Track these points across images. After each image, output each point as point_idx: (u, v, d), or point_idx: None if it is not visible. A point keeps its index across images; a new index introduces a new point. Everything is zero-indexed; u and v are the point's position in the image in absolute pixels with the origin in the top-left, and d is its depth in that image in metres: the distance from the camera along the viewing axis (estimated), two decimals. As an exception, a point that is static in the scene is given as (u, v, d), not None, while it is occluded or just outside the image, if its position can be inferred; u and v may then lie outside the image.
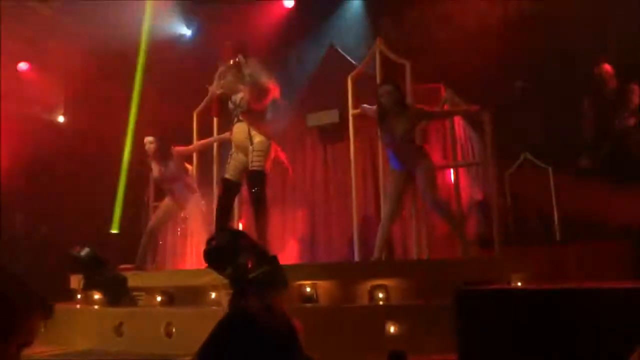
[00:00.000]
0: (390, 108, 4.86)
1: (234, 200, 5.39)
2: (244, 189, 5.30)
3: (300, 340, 1.25)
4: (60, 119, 9.39)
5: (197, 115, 6.19)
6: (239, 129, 5.13)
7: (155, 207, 6.27)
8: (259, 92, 4.99)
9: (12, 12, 7.49)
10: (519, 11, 6.74)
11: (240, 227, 5.67)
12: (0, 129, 7.10)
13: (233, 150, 5.26)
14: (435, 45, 6.83)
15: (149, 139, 5.98)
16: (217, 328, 1.24)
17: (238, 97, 5.11)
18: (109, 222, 7.78)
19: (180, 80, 7.49)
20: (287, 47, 7.96)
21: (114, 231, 7.70)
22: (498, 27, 6.65)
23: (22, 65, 8.85)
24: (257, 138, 5.02)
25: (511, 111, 5.95)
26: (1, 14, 7.16)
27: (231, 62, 5.15)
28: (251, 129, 5.05)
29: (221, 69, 5.26)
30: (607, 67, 5.55)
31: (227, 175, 5.22)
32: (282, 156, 5.40)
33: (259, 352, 1.16)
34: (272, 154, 5.13)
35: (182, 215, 6.09)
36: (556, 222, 6.29)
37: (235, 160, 5.19)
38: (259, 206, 4.97)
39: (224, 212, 5.17)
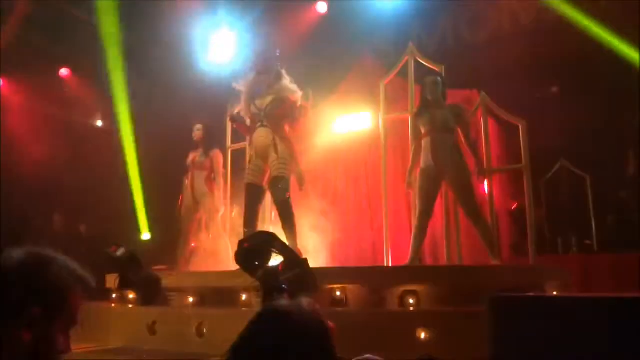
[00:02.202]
0: (433, 99, 4.95)
1: (259, 203, 5.37)
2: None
3: (332, 339, 1.26)
4: (99, 123, 9.65)
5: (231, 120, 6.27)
6: (262, 134, 5.10)
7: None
8: (291, 106, 5.01)
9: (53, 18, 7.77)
10: (554, 16, 6.62)
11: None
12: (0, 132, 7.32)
13: (252, 155, 5.26)
14: (469, 50, 6.76)
15: (198, 126, 6.23)
16: (250, 325, 1.25)
17: (265, 102, 5.09)
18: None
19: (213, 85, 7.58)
20: (320, 51, 7.99)
21: (145, 236, 7.81)
22: (534, 32, 6.54)
23: (64, 71, 9.14)
24: (282, 146, 5.01)
25: (547, 116, 5.84)
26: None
27: (263, 69, 5.17)
28: (276, 137, 5.02)
29: (253, 75, 5.28)
30: None
31: (248, 181, 5.24)
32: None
33: (292, 349, 1.17)
34: (296, 159, 5.13)
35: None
36: (594, 231, 6.16)
37: (254, 165, 5.21)
38: (285, 211, 4.97)
39: (251, 216, 5.19)
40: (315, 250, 5.48)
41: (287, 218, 4.95)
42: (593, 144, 6.18)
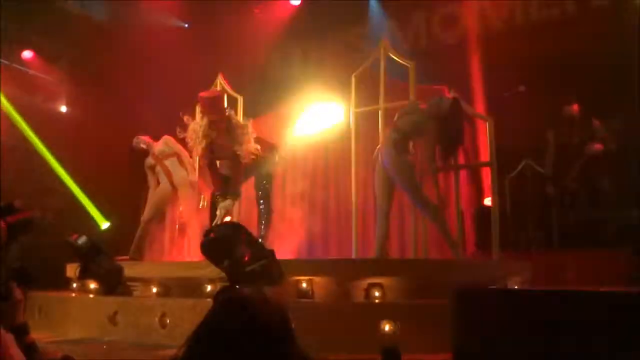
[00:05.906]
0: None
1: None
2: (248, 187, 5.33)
3: (293, 329, 1.25)
4: (63, 109, 9.37)
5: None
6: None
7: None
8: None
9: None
10: (524, 16, 6.75)
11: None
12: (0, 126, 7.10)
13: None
14: (440, 47, 6.83)
15: (139, 140, 6.15)
16: (210, 314, 1.23)
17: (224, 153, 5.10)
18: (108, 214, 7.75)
19: (179, 76, 7.44)
20: (292, 45, 7.95)
21: (104, 226, 7.66)
22: (504, 31, 6.65)
23: (27, 54, 8.83)
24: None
25: (513, 115, 5.95)
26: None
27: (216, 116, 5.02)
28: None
29: (205, 120, 5.03)
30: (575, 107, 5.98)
31: (221, 171, 5.24)
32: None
33: (251, 338, 1.15)
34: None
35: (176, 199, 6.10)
36: (555, 228, 6.30)
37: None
38: (265, 203, 5.06)
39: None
40: (282, 242, 5.47)
41: (265, 210, 5.06)
42: (557, 143, 6.30)
